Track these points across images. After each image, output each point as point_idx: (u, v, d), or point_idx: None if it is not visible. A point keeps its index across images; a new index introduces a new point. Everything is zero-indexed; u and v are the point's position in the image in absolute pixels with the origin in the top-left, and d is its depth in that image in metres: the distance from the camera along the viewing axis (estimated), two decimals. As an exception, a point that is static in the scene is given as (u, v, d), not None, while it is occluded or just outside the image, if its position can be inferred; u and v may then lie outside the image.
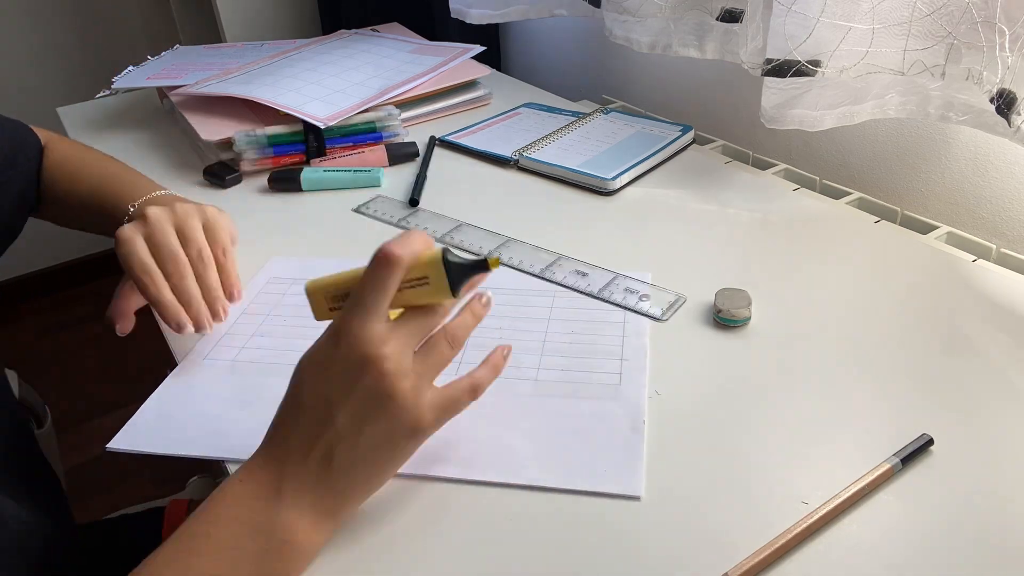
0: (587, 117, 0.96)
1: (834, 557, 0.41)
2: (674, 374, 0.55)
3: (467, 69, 1.05)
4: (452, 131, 0.96)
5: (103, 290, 2.13)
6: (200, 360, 0.59)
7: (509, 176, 0.87)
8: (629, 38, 0.90)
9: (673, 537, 0.43)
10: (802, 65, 0.66)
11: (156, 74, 1.06)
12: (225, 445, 0.51)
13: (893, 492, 0.45)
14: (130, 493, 0.91)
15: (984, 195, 0.75)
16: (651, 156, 0.85)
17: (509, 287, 0.65)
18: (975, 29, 0.59)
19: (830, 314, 0.60)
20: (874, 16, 0.63)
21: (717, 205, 0.77)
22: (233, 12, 1.37)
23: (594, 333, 0.59)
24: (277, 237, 0.76)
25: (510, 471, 0.48)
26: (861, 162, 0.85)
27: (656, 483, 0.47)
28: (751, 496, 0.45)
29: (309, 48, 1.14)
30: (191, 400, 0.55)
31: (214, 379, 0.57)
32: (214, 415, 0.54)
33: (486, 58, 1.09)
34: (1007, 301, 0.60)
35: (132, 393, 0.71)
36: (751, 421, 0.51)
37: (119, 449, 0.52)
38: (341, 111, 0.91)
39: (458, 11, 1.13)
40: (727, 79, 0.98)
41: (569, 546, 0.43)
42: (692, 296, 0.63)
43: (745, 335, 0.59)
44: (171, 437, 0.52)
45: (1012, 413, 0.50)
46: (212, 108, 0.95)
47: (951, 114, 0.66)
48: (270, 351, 0.60)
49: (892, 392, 0.52)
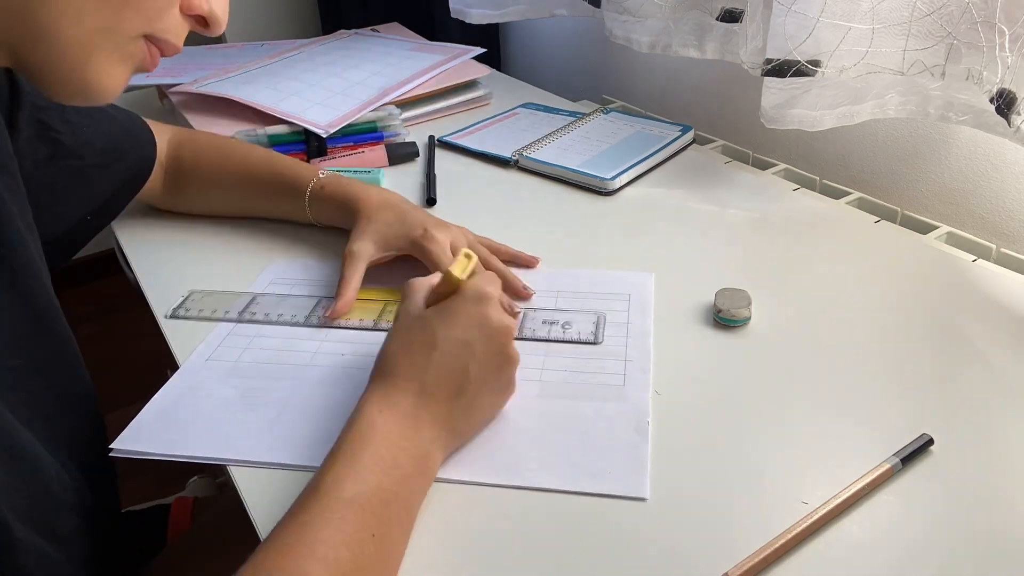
0: (587, 117, 0.96)
1: (834, 557, 0.41)
2: (674, 374, 0.55)
3: (467, 69, 1.05)
4: (452, 131, 0.96)
5: (102, 290, 2.13)
6: (202, 361, 0.59)
7: (509, 176, 0.87)
8: (629, 38, 0.90)
9: (673, 537, 0.43)
10: (802, 65, 0.66)
11: (155, 72, 1.06)
12: (229, 447, 0.51)
13: (893, 492, 0.45)
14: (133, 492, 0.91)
15: (984, 195, 0.75)
16: (651, 156, 0.85)
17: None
18: (975, 29, 0.59)
19: (830, 314, 0.60)
20: (874, 16, 0.63)
21: (717, 205, 0.77)
22: (233, 12, 1.36)
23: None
24: (278, 237, 0.75)
25: (515, 473, 0.48)
26: (861, 162, 0.85)
27: (656, 483, 0.46)
28: (751, 496, 0.45)
29: (309, 49, 1.14)
30: (194, 402, 0.55)
31: (217, 380, 0.57)
32: (217, 417, 0.54)
33: (486, 58, 1.09)
34: (1007, 301, 0.60)
35: (131, 393, 0.71)
36: (751, 421, 0.51)
37: (122, 451, 0.52)
38: (342, 116, 0.91)
39: (458, 11, 1.13)
40: (727, 79, 0.98)
41: (569, 546, 0.43)
42: (692, 296, 0.63)
43: (745, 335, 0.59)
44: (174, 439, 0.52)
45: (1012, 413, 0.50)
46: (213, 107, 0.95)
47: (951, 114, 0.66)
48: (272, 352, 0.60)
49: (892, 392, 0.52)
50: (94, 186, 0.68)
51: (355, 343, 0.60)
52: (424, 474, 0.46)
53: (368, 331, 0.61)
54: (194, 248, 0.75)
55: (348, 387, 0.55)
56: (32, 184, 0.59)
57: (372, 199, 0.69)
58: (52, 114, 0.62)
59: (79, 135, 0.65)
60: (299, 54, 1.11)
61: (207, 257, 0.73)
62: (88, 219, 0.69)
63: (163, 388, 0.57)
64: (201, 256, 0.73)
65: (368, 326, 0.62)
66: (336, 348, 0.60)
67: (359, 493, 0.42)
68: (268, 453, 0.50)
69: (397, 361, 0.49)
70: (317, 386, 0.56)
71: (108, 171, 0.69)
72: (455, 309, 0.49)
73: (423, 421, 0.46)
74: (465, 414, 0.49)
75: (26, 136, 0.60)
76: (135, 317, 0.67)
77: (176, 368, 0.59)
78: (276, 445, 0.51)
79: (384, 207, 0.68)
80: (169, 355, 0.61)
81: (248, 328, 0.63)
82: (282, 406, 0.54)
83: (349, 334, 0.61)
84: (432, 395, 0.47)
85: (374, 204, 0.68)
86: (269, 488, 0.48)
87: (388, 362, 0.49)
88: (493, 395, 0.51)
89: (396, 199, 0.69)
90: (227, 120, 0.92)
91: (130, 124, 0.73)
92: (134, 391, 0.69)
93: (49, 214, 0.64)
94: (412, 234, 0.65)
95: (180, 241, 0.76)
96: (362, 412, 0.46)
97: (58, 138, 0.63)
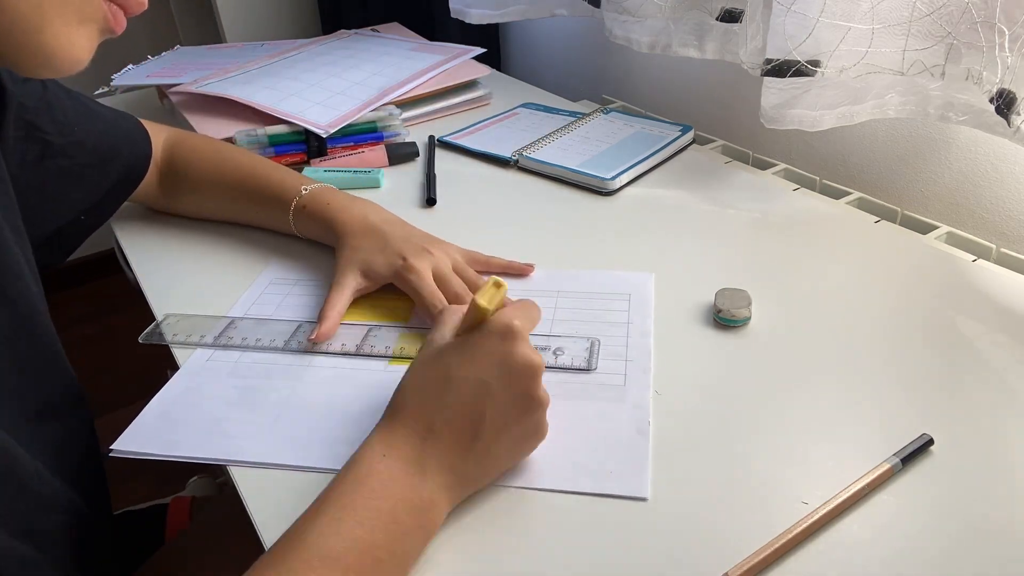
0: (587, 117, 0.96)
1: (834, 557, 0.41)
2: (674, 374, 0.55)
3: (467, 69, 1.05)
4: (451, 131, 0.96)
5: (100, 291, 2.13)
6: (203, 362, 0.59)
7: (509, 176, 0.87)
8: (629, 38, 0.90)
9: (673, 537, 0.43)
10: (802, 65, 0.66)
11: (156, 72, 1.06)
12: (228, 448, 0.51)
13: (893, 492, 0.45)
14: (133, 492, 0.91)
15: (984, 195, 0.75)
16: (651, 156, 0.85)
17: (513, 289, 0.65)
18: (975, 29, 0.59)
19: (830, 314, 0.60)
20: (874, 16, 0.63)
21: (717, 205, 0.77)
22: (233, 12, 1.37)
23: (599, 334, 0.59)
24: (279, 236, 0.75)
25: (515, 473, 0.48)
26: (861, 162, 0.85)
27: (656, 483, 0.46)
28: (751, 496, 0.45)
29: (308, 49, 1.14)
30: (194, 402, 0.55)
31: (216, 381, 0.57)
32: (216, 418, 0.54)
33: (486, 58, 1.09)
34: (1007, 301, 0.60)
35: (130, 394, 0.71)
36: (751, 421, 0.51)
37: (123, 451, 0.51)
38: (342, 116, 0.91)
39: (458, 11, 1.13)
40: (727, 79, 0.98)
41: (569, 546, 0.43)
42: (692, 296, 0.63)
43: (745, 335, 0.59)
44: (174, 440, 0.52)
45: (1012, 413, 0.50)
46: (213, 107, 0.95)
47: (951, 114, 0.66)
48: (271, 352, 0.60)
49: (892, 392, 0.52)
50: (86, 186, 0.68)
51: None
52: (424, 528, 0.42)
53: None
54: (194, 248, 0.75)
55: (349, 387, 0.55)
56: (22, 185, 0.59)
57: (354, 224, 0.66)
58: (40, 115, 0.62)
59: (69, 135, 0.65)
60: (299, 54, 1.11)
61: (207, 257, 0.73)
62: (82, 218, 0.69)
63: (163, 388, 0.57)
64: (201, 256, 0.73)
65: (351, 351, 0.59)
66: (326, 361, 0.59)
67: (346, 550, 0.38)
68: (267, 454, 0.50)
69: (408, 398, 0.45)
70: (318, 386, 0.56)
71: (100, 171, 0.69)
72: (475, 343, 0.44)
73: (429, 467, 0.42)
74: (479, 461, 0.44)
75: (14, 137, 0.59)
76: (135, 317, 0.67)
77: (176, 368, 0.59)
78: (276, 446, 0.51)
79: (365, 233, 0.65)
80: (169, 356, 0.61)
81: (247, 329, 0.62)
82: (282, 406, 0.54)
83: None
84: (441, 438, 0.43)
85: (356, 230, 0.66)
86: (269, 488, 0.48)
87: (399, 398, 0.45)
88: (515, 442, 0.46)
89: (377, 220, 0.66)
90: (227, 120, 0.92)
91: (124, 124, 0.73)
92: (133, 392, 0.69)
93: (40, 214, 0.64)
94: (393, 266, 0.62)
95: (180, 241, 0.76)
96: (363, 455, 0.43)
97: (47, 138, 0.62)
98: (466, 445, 0.43)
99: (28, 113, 0.61)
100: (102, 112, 0.70)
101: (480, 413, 0.43)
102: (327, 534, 0.38)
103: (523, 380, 0.44)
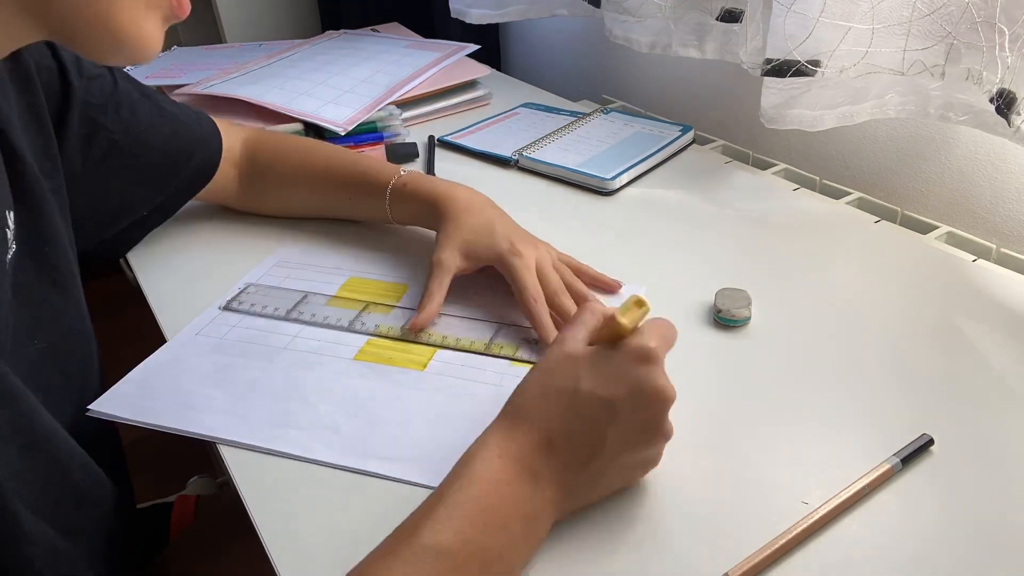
0: (587, 117, 0.96)
1: (834, 557, 0.41)
2: (674, 374, 0.55)
3: (467, 69, 1.05)
4: (452, 131, 0.96)
5: (101, 289, 2.13)
6: (193, 335, 0.60)
7: (509, 176, 0.87)
8: (629, 38, 0.90)
9: (673, 537, 0.43)
10: (802, 65, 0.66)
11: (155, 73, 1.06)
12: (193, 420, 0.52)
13: (893, 492, 0.45)
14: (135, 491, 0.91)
15: (984, 195, 0.75)
16: (651, 156, 0.85)
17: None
18: (975, 29, 0.59)
19: (830, 314, 0.60)
20: (874, 16, 0.63)
21: (717, 205, 0.77)
22: (233, 12, 1.37)
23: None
24: (278, 237, 0.75)
25: None
26: (861, 162, 0.85)
27: (656, 482, 0.46)
28: (751, 496, 0.45)
29: (307, 48, 1.14)
30: (173, 373, 0.56)
31: (198, 355, 0.58)
32: (187, 390, 0.55)
33: (486, 58, 1.09)
34: (1007, 301, 0.60)
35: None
36: (751, 421, 0.51)
37: (99, 413, 0.53)
38: (357, 113, 0.91)
39: (458, 11, 1.13)
40: (727, 79, 0.98)
41: (569, 546, 0.43)
42: (692, 296, 0.63)
43: (745, 335, 0.59)
44: (147, 407, 0.53)
45: (1012, 413, 0.50)
46: (213, 108, 0.95)
47: (951, 114, 0.66)
48: (259, 332, 0.61)
49: (892, 392, 0.52)
50: (151, 185, 0.68)
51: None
52: (529, 540, 0.41)
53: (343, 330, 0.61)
54: (194, 248, 0.75)
55: (319, 374, 0.56)
56: (84, 183, 0.60)
57: (459, 200, 0.65)
58: (107, 113, 0.62)
59: (134, 134, 0.65)
60: (297, 53, 1.11)
61: (208, 257, 0.73)
62: (144, 215, 0.70)
63: (150, 357, 0.58)
64: (202, 256, 0.73)
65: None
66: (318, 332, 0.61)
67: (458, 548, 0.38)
68: (226, 430, 0.51)
69: (529, 402, 0.43)
70: (288, 369, 0.57)
71: (166, 171, 0.69)
72: (609, 360, 0.42)
73: (542, 479, 0.41)
74: (590, 482, 0.43)
75: (77, 135, 0.60)
76: (135, 317, 0.68)
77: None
78: (235, 423, 0.52)
79: (471, 211, 0.64)
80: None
81: (244, 306, 0.64)
82: (249, 387, 0.55)
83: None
84: (558, 453, 0.41)
85: (461, 206, 0.64)
86: (269, 488, 0.48)
87: (520, 400, 0.44)
88: (630, 468, 0.45)
89: (482, 201, 0.66)
90: (234, 120, 0.92)
91: (197, 124, 0.72)
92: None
93: (103, 212, 0.65)
94: (499, 247, 0.60)
95: (180, 241, 0.76)
96: (480, 451, 0.42)
97: (112, 137, 0.63)
98: (581, 465, 0.42)
99: (93, 111, 0.61)
100: (175, 112, 0.70)
101: (602, 435, 0.41)
102: (440, 529, 0.38)
103: (652, 408, 0.42)
